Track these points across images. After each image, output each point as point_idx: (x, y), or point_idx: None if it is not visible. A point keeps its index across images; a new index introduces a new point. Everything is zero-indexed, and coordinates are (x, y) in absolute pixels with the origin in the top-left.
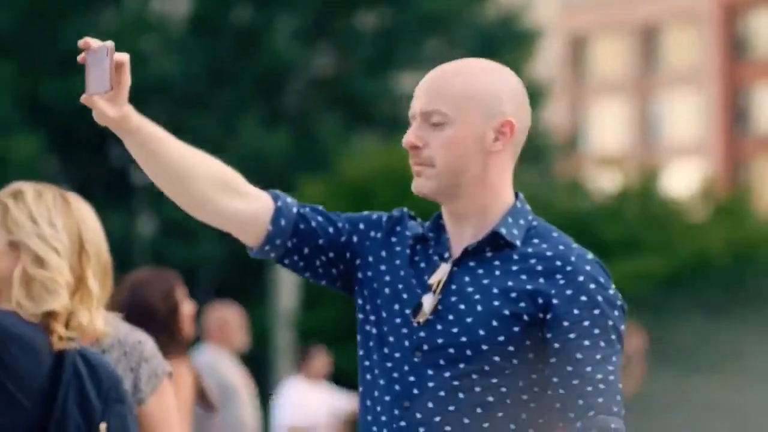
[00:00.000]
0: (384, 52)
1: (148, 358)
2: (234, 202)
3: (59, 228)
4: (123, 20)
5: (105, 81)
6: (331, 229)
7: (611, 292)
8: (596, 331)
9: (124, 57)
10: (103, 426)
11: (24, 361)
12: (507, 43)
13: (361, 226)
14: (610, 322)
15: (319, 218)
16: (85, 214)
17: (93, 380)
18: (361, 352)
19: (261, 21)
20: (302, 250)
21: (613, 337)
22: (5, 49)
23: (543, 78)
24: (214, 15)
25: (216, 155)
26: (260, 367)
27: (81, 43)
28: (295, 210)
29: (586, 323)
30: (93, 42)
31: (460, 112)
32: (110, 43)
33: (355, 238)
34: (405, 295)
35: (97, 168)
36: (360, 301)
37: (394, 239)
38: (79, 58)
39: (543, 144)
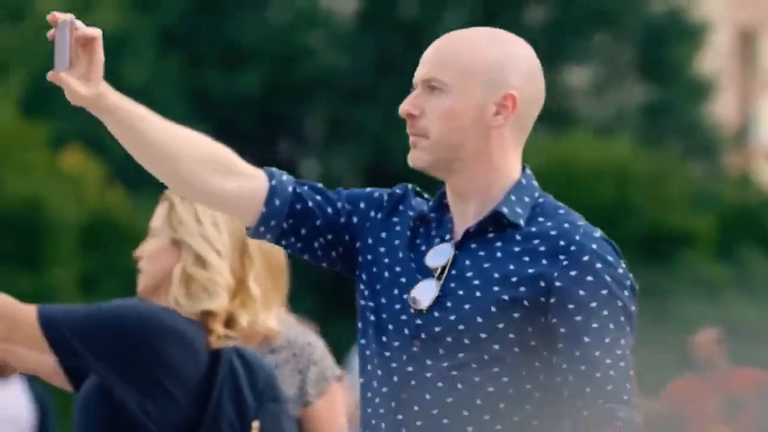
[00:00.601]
0: (552, 46)
1: (317, 361)
2: (226, 181)
3: (222, 229)
4: (291, 15)
5: (65, 58)
6: (329, 210)
7: (620, 271)
8: (605, 312)
9: (94, 32)
10: (255, 424)
11: (182, 357)
12: (675, 37)
13: (362, 205)
14: (620, 303)
15: (317, 197)
16: None
17: (249, 378)
18: (362, 341)
19: (429, 15)
20: (299, 232)
21: (623, 318)
22: (172, 42)
23: (711, 71)
24: (382, 9)
25: (381, 150)
26: None
27: (49, 17)
28: (290, 189)
29: (593, 304)
30: (59, 16)
31: (460, 81)
32: (69, 16)
33: (354, 219)
34: (403, 280)
35: (265, 161)
36: (361, 287)
37: (395, 219)
38: (48, 34)
39: (712, 138)
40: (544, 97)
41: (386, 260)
